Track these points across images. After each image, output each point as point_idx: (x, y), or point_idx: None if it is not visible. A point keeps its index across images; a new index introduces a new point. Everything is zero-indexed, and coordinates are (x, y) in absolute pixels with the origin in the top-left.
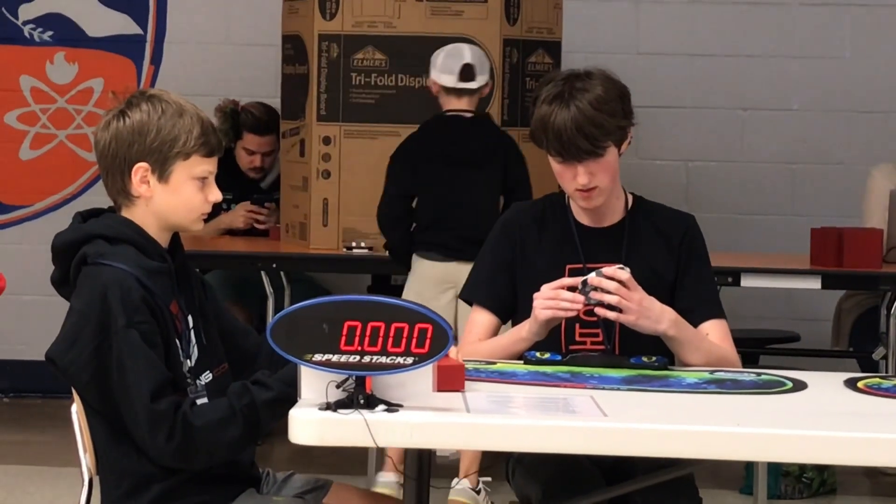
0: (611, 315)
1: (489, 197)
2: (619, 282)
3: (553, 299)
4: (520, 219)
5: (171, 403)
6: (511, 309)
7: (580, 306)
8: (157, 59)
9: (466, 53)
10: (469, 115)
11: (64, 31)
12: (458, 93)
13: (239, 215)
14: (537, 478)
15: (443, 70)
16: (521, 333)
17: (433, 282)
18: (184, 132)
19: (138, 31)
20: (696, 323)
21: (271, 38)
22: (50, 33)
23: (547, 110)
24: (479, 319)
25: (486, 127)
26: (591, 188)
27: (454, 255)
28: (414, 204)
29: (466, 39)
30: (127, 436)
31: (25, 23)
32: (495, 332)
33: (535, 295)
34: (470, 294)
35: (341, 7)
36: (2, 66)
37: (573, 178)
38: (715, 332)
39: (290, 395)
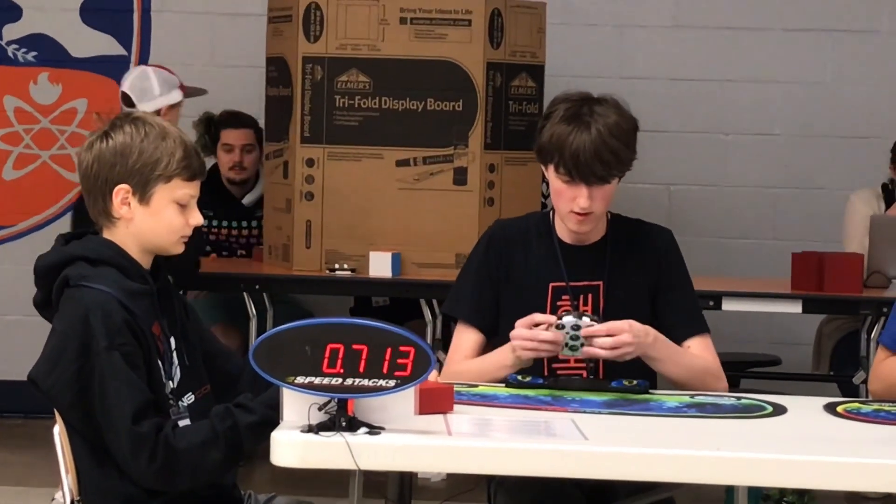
0: (615, 355)
1: None
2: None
3: (531, 340)
4: (504, 235)
5: (153, 425)
6: (496, 325)
7: (559, 348)
8: None
9: (140, 80)
10: None
11: (48, 52)
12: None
13: None
14: (519, 501)
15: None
16: (504, 361)
17: None
18: (166, 155)
19: (122, 52)
20: (681, 338)
21: (255, 59)
22: (34, 54)
23: (565, 129)
24: (465, 337)
25: None
26: (588, 213)
27: None
28: None
29: (449, 62)
30: (109, 457)
31: (9, 43)
32: (481, 349)
33: (512, 334)
34: (454, 310)
35: (325, 29)
36: None
37: (572, 200)
38: (698, 348)
39: (272, 418)
